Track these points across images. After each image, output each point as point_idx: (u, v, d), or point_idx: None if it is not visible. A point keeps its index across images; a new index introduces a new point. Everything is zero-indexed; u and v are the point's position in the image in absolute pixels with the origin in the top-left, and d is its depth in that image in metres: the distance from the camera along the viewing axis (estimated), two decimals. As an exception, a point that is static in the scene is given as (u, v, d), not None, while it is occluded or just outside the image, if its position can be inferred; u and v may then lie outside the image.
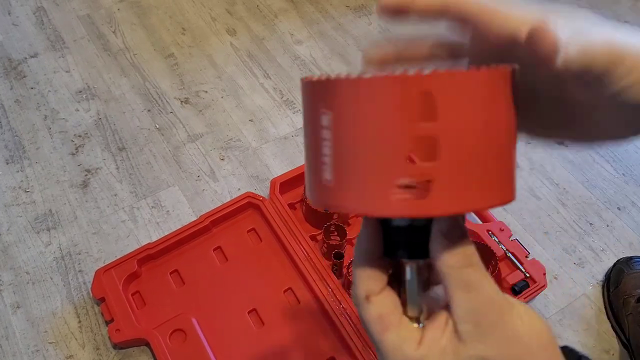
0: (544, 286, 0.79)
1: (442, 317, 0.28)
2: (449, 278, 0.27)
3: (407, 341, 0.28)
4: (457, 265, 0.27)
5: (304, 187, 0.87)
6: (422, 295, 0.30)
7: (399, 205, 0.24)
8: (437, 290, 0.31)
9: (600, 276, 0.86)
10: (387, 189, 0.24)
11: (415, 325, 0.29)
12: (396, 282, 0.30)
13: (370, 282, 0.29)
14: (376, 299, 0.29)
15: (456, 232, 0.28)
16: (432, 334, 0.28)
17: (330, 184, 0.26)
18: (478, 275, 0.28)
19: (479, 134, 0.24)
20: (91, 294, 0.79)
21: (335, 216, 0.84)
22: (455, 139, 0.24)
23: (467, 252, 0.28)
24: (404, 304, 0.30)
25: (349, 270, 0.78)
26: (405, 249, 0.29)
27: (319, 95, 0.27)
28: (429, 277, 0.31)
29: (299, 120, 1.04)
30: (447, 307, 0.28)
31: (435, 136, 0.24)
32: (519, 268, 0.81)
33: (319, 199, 0.28)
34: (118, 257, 0.82)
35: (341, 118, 0.25)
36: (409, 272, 0.29)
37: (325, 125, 0.26)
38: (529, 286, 0.79)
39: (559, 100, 0.29)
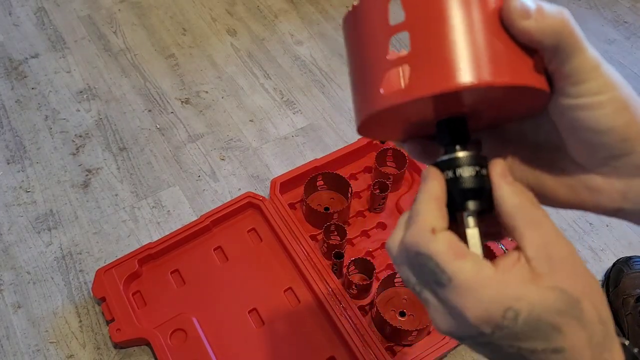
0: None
1: (513, 255, 0.28)
2: (517, 217, 0.28)
3: (486, 267, 0.27)
4: (523, 204, 0.28)
5: (304, 187, 0.87)
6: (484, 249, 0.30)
7: (390, 96, 0.27)
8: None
9: (600, 276, 0.86)
10: (378, 86, 0.28)
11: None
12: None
13: (437, 217, 0.29)
14: (442, 232, 0.29)
15: (510, 176, 0.29)
16: (507, 266, 0.28)
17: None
18: (543, 212, 0.29)
19: (441, 22, 0.26)
20: (92, 294, 0.80)
21: (335, 216, 0.85)
22: (421, 30, 0.27)
23: (528, 193, 0.29)
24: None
25: (349, 270, 0.79)
26: (471, 195, 0.30)
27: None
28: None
29: (299, 120, 1.04)
30: (515, 250, 0.29)
31: (404, 30, 0.27)
32: (518, 268, 0.81)
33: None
34: (119, 256, 0.83)
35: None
36: (471, 221, 0.30)
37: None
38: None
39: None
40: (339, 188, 0.89)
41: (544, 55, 0.27)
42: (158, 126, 1.03)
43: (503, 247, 0.83)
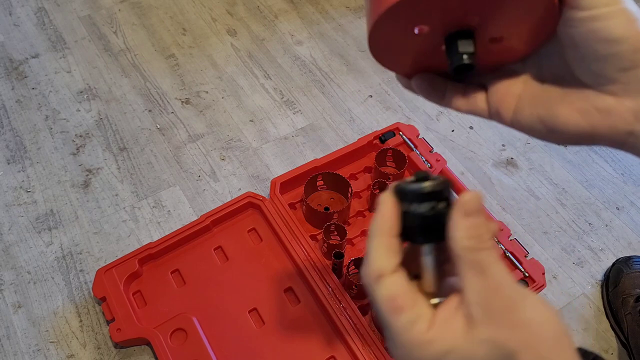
0: (543, 286, 0.79)
1: (454, 300, 0.28)
2: (462, 260, 0.28)
3: (418, 323, 0.28)
4: (471, 247, 0.28)
5: (304, 187, 0.87)
6: (437, 279, 0.30)
7: None
8: (450, 281, 0.31)
9: (599, 276, 0.86)
10: None
11: (433, 300, 0.29)
12: (410, 266, 0.31)
13: (383, 260, 0.29)
14: (388, 279, 0.29)
15: (473, 214, 0.28)
16: (444, 316, 0.28)
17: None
18: (491, 259, 0.28)
19: None
20: (92, 294, 0.80)
21: (335, 216, 0.85)
22: None
23: (482, 236, 0.28)
24: (419, 284, 0.30)
25: (349, 269, 0.79)
26: (423, 232, 0.29)
27: None
28: (443, 267, 0.31)
29: (299, 120, 1.04)
30: (459, 292, 0.28)
31: None
32: (518, 268, 0.81)
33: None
34: (119, 256, 0.83)
35: None
36: (427, 250, 0.30)
37: None
38: (528, 286, 0.79)
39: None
40: (339, 188, 0.90)
41: None
42: (158, 126, 1.03)
43: (503, 247, 0.83)
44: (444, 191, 0.30)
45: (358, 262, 0.80)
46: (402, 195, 0.30)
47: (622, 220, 0.93)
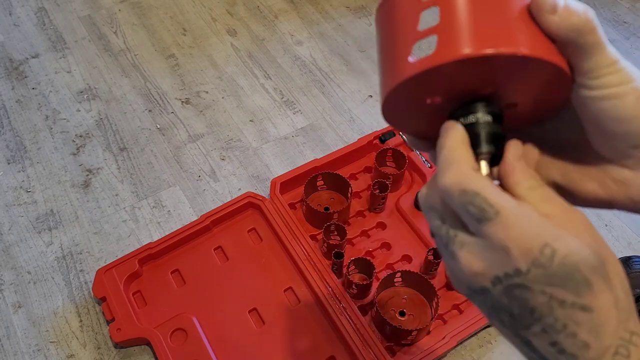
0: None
1: None
2: (531, 194, 0.28)
3: (527, 206, 0.27)
4: (531, 186, 0.28)
5: (304, 187, 0.87)
6: None
7: (417, 64, 0.28)
8: None
9: (599, 276, 0.86)
10: (407, 55, 0.29)
11: None
12: None
13: (472, 160, 0.29)
14: (484, 172, 0.29)
15: (520, 157, 0.29)
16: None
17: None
18: (552, 191, 0.29)
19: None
20: (92, 294, 0.80)
21: (335, 216, 0.85)
22: (452, 4, 0.28)
23: (535, 174, 0.29)
24: None
25: (349, 269, 0.79)
26: (486, 142, 0.30)
27: None
28: None
29: (299, 120, 1.04)
30: None
31: (435, 4, 0.29)
32: (518, 268, 0.81)
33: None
34: (119, 256, 0.83)
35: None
36: (484, 166, 0.30)
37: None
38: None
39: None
40: (339, 188, 0.90)
41: (566, 49, 0.28)
42: (158, 126, 1.03)
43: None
44: (501, 115, 0.31)
45: (358, 262, 0.80)
46: (464, 111, 0.30)
47: (622, 220, 0.93)
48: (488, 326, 0.79)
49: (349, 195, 0.87)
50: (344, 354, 0.75)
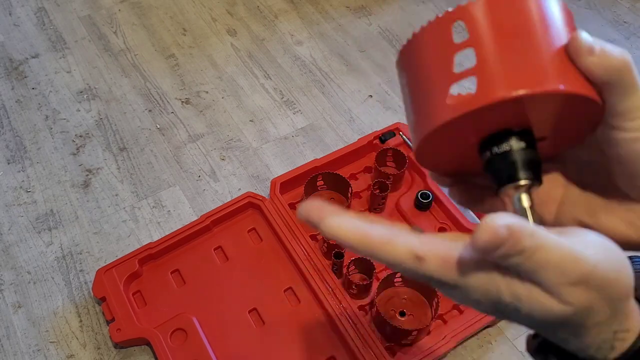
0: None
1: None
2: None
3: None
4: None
5: (304, 187, 0.87)
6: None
7: (455, 107, 0.28)
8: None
9: (600, 276, 0.86)
10: (444, 98, 0.28)
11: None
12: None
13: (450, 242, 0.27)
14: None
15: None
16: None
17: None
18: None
19: (509, 35, 0.27)
20: (92, 294, 0.80)
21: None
22: (484, 45, 0.28)
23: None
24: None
25: (349, 269, 0.79)
26: (524, 169, 0.29)
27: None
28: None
29: (299, 120, 1.04)
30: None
31: (469, 46, 0.28)
32: (518, 268, 0.81)
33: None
34: (119, 256, 0.83)
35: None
36: (525, 198, 0.29)
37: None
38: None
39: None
40: (339, 188, 0.90)
41: (603, 91, 0.28)
42: (158, 126, 1.03)
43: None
44: (534, 142, 0.30)
45: (358, 262, 0.80)
46: (497, 139, 0.30)
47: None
48: (488, 326, 0.79)
49: (349, 195, 0.87)
50: (344, 354, 0.75)
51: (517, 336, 0.80)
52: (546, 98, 0.27)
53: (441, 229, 0.87)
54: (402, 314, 0.79)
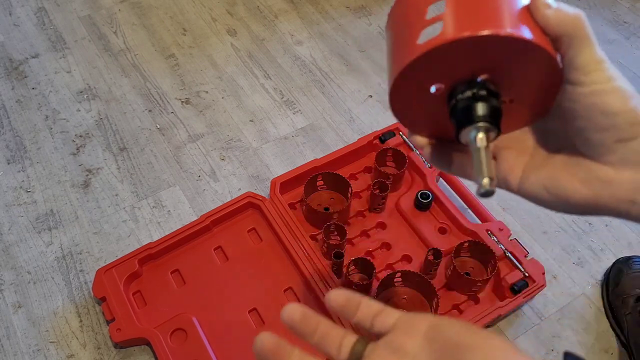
0: (543, 285, 0.79)
1: None
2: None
3: None
4: None
5: (304, 187, 0.87)
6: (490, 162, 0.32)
7: (423, 45, 0.31)
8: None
9: (600, 276, 0.86)
10: (415, 40, 0.31)
11: (486, 181, 0.31)
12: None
13: None
14: None
15: None
16: None
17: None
18: None
19: None
20: (92, 294, 0.80)
21: (335, 216, 0.85)
22: None
23: None
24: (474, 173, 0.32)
25: (349, 270, 0.79)
26: (484, 113, 0.32)
27: None
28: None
29: (299, 120, 1.04)
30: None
31: None
32: (518, 268, 0.81)
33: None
34: (119, 256, 0.83)
35: None
36: (480, 137, 0.32)
37: None
38: (528, 285, 0.79)
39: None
40: (339, 188, 0.90)
41: (560, 44, 0.30)
42: (158, 126, 1.03)
43: (503, 248, 0.83)
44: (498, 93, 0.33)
45: (358, 262, 0.80)
46: (464, 86, 0.32)
47: (623, 220, 0.93)
48: (488, 326, 0.79)
49: (349, 195, 0.87)
50: (344, 354, 0.75)
51: (516, 336, 0.80)
52: (503, 42, 0.29)
53: (441, 229, 0.87)
54: (402, 314, 0.78)
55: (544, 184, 0.34)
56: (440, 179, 0.93)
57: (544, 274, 0.80)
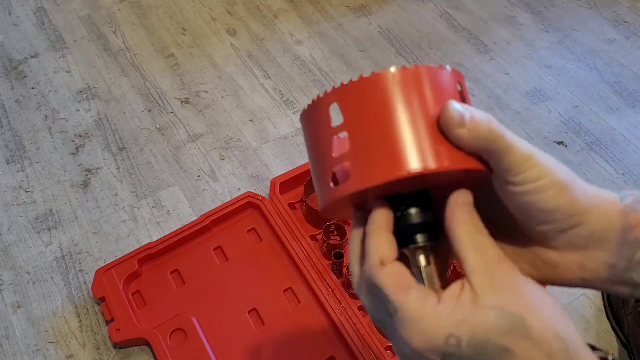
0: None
1: (457, 283, 0.30)
2: (463, 241, 0.30)
3: (429, 299, 0.29)
4: (470, 231, 0.30)
5: (304, 187, 0.87)
6: (438, 276, 0.32)
7: (336, 191, 0.31)
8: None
9: (600, 276, 0.86)
10: (328, 180, 0.31)
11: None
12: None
13: (384, 249, 0.30)
14: (393, 264, 0.30)
15: (468, 206, 0.31)
16: (451, 294, 0.29)
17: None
18: (490, 241, 0.30)
19: (371, 125, 0.29)
20: (92, 294, 0.79)
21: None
22: (356, 132, 0.30)
23: (477, 222, 0.31)
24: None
25: (349, 270, 0.79)
26: (423, 230, 0.31)
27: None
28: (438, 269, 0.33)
29: (298, 120, 1.04)
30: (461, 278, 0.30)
31: (344, 130, 0.30)
32: (518, 268, 0.81)
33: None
34: (118, 256, 0.82)
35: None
36: (422, 258, 0.32)
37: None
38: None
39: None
40: (339, 188, 0.89)
41: (482, 155, 0.30)
42: (158, 126, 1.03)
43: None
44: (428, 196, 0.32)
45: (358, 263, 0.80)
46: (394, 202, 0.32)
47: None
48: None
49: (349, 195, 0.86)
50: (344, 355, 0.75)
51: (517, 336, 0.79)
52: (414, 177, 0.28)
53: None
54: (402, 314, 0.78)
55: None
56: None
57: (544, 274, 0.80)
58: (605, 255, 0.30)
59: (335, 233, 0.84)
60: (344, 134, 0.30)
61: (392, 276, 0.29)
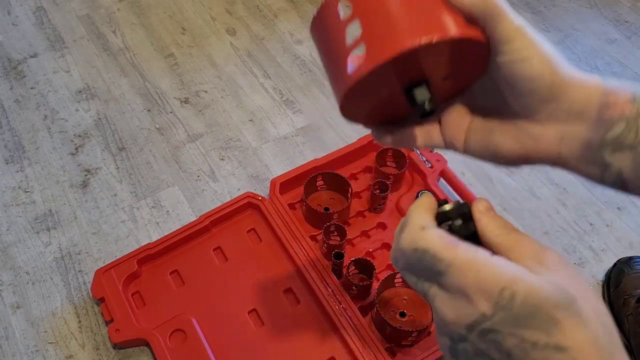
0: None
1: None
2: (503, 241, 0.31)
3: (479, 251, 0.30)
4: (504, 230, 0.32)
5: (304, 187, 0.87)
6: None
7: (357, 69, 0.33)
8: None
9: (601, 276, 0.86)
10: (345, 69, 0.33)
11: None
12: None
13: (425, 219, 0.32)
14: (433, 228, 0.31)
15: (491, 211, 0.33)
16: (500, 261, 0.30)
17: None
18: (523, 234, 0.32)
19: (380, 5, 0.32)
20: (91, 294, 0.79)
21: (335, 216, 0.84)
22: (365, 15, 0.33)
23: (507, 222, 0.33)
24: None
25: (349, 270, 0.78)
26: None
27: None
28: None
29: (298, 120, 1.04)
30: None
31: (354, 19, 0.33)
32: (519, 268, 0.81)
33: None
34: (118, 257, 0.82)
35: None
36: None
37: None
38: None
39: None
40: (339, 188, 0.89)
41: (480, 23, 0.32)
42: (157, 126, 1.02)
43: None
44: (467, 205, 0.35)
45: (358, 263, 0.80)
46: (440, 218, 0.34)
47: (624, 220, 0.92)
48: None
49: (349, 195, 0.86)
50: (344, 355, 0.75)
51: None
52: (425, 49, 0.31)
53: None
54: (403, 314, 0.78)
55: (482, 144, 0.38)
56: (441, 178, 0.93)
57: (544, 274, 0.80)
58: (582, 130, 0.33)
59: (335, 233, 0.83)
60: (354, 25, 0.33)
61: (436, 236, 0.30)
